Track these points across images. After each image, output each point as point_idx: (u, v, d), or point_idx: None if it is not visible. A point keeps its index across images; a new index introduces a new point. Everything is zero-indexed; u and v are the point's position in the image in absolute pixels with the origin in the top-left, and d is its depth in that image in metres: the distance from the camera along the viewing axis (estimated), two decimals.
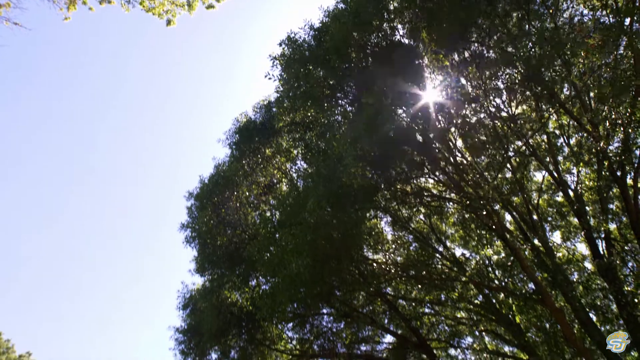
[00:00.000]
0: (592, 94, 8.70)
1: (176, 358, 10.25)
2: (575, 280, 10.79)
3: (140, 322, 74.27)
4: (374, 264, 10.81)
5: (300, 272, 6.63)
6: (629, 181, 8.26)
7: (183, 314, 10.54)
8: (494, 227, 8.97)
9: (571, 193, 10.60)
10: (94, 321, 71.72)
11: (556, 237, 12.95)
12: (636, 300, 7.90)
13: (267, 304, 7.97)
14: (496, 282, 11.77)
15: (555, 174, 10.42)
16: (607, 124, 7.13)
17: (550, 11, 8.23)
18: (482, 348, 12.65)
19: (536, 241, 10.08)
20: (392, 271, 10.13)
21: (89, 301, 72.02)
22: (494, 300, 11.31)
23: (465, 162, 10.85)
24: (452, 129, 10.61)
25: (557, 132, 10.91)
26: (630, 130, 7.13)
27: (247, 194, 10.48)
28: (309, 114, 8.88)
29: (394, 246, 12.63)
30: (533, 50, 8.20)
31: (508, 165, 10.70)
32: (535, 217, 11.17)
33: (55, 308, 67.62)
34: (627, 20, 6.85)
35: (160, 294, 78.20)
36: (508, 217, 12.01)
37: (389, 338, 12.42)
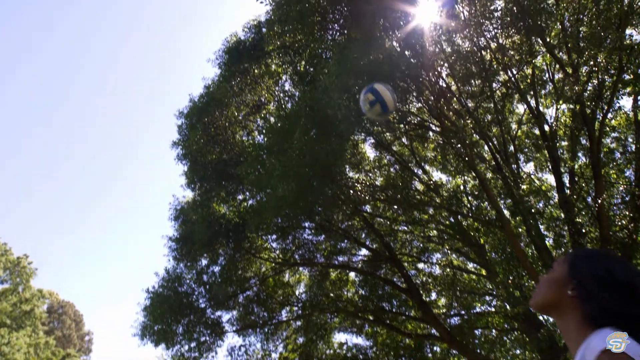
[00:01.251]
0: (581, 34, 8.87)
1: (170, 263, 11.27)
2: (538, 209, 11.73)
3: (134, 232, 77.20)
4: (355, 185, 11.51)
5: (285, 195, 7.24)
6: (597, 125, 8.79)
7: (175, 225, 11.35)
8: (466, 158, 9.58)
9: (547, 128, 11.15)
10: (90, 230, 74.19)
11: (530, 167, 13.65)
12: (583, 231, 8.86)
13: (253, 220, 8.71)
14: (467, 205, 12.70)
15: (535, 109, 10.86)
16: (584, 71, 7.45)
17: None
18: (448, 263, 13.93)
19: (508, 171, 10.83)
20: (369, 197, 10.86)
21: (85, 211, 73.94)
22: (463, 223, 12.29)
23: (450, 90, 11.13)
24: (441, 56, 10.75)
25: (545, 66, 11.14)
26: (606, 77, 7.48)
27: (236, 114, 10.77)
28: (299, 38, 8.92)
29: (375, 167, 13.30)
30: None
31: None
32: (511, 147, 11.81)
33: (51, 215, 69.45)
34: None
35: (153, 207, 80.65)
36: (486, 147, 12.62)
37: (364, 251, 13.52)
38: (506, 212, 11.29)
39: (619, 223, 9.19)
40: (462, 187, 12.90)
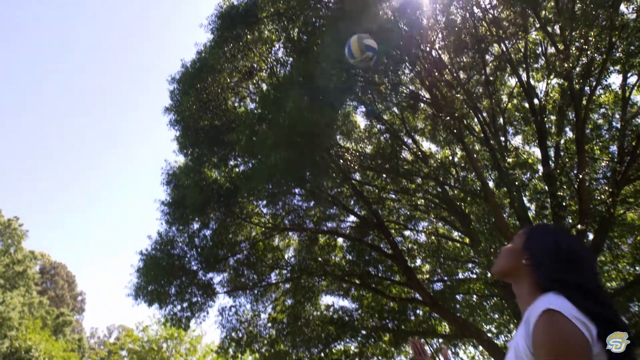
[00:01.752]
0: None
1: (162, 227, 11.48)
2: (523, 181, 12.03)
3: (124, 196, 77.33)
4: (345, 154, 11.66)
5: (277, 163, 7.40)
6: (584, 101, 8.96)
7: (167, 189, 11.49)
8: (455, 130, 9.74)
9: (537, 102, 11.28)
10: (81, 194, 74.03)
11: (518, 139, 13.83)
12: (564, 204, 9.19)
13: (245, 186, 8.88)
14: (455, 176, 12.95)
15: (526, 82, 10.95)
16: (574, 49, 7.53)
17: None
18: (433, 231, 14.32)
19: (495, 144, 11.03)
20: (358, 167, 11.03)
21: (76, 176, 73.58)
22: (449, 193, 12.57)
23: (442, 61, 11.14)
24: (436, 27, 10.71)
25: (539, 38, 11.15)
26: (596, 55, 7.58)
27: (228, 80, 10.71)
28: (293, 5, 8.82)
29: (365, 137, 13.42)
30: None
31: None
32: (501, 120, 11.96)
33: (42, 179, 69.07)
34: None
35: (145, 171, 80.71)
36: (476, 119, 12.73)
37: (352, 218, 13.81)
38: (491, 184, 11.60)
39: (599, 197, 9.52)
40: (450, 158, 13.10)
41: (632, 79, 9.83)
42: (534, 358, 1.27)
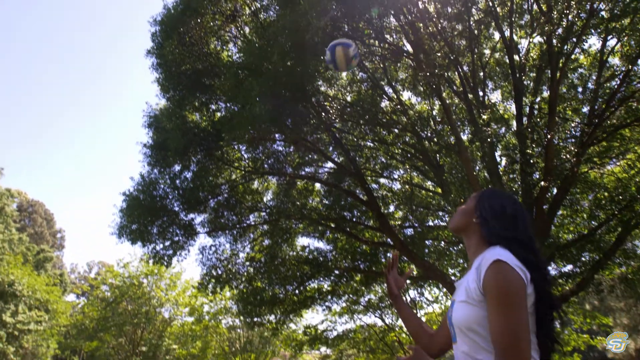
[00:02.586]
0: None
1: (144, 169, 11.58)
2: (498, 135, 12.47)
3: (103, 136, 75.22)
4: (325, 104, 11.74)
5: (262, 114, 7.52)
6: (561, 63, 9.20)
7: (149, 132, 11.46)
8: (434, 86, 9.93)
9: (517, 58, 11.44)
10: (59, 134, 71.56)
11: (497, 95, 14.09)
12: (532, 161, 9.70)
13: (229, 133, 9.01)
14: (432, 127, 13.28)
15: (508, 38, 11.04)
16: (556, 13, 7.65)
17: None
18: (408, 180, 14.84)
19: (473, 99, 11.29)
20: (338, 118, 11.18)
21: (63, 118, 70.66)
22: (425, 144, 12.95)
23: (428, 11, 11.06)
24: None
25: None
26: (576, 20, 7.73)
27: (211, 23, 10.42)
28: None
29: (347, 83, 13.44)
30: None
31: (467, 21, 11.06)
32: (481, 74, 12.13)
33: (18, 119, 66.11)
34: None
35: (124, 110, 78.04)
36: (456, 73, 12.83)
37: (330, 164, 14.14)
38: (465, 138, 12.00)
39: (565, 157, 10.03)
40: (428, 112, 13.36)
41: (612, 42, 10.07)
42: (482, 296, 1.61)
